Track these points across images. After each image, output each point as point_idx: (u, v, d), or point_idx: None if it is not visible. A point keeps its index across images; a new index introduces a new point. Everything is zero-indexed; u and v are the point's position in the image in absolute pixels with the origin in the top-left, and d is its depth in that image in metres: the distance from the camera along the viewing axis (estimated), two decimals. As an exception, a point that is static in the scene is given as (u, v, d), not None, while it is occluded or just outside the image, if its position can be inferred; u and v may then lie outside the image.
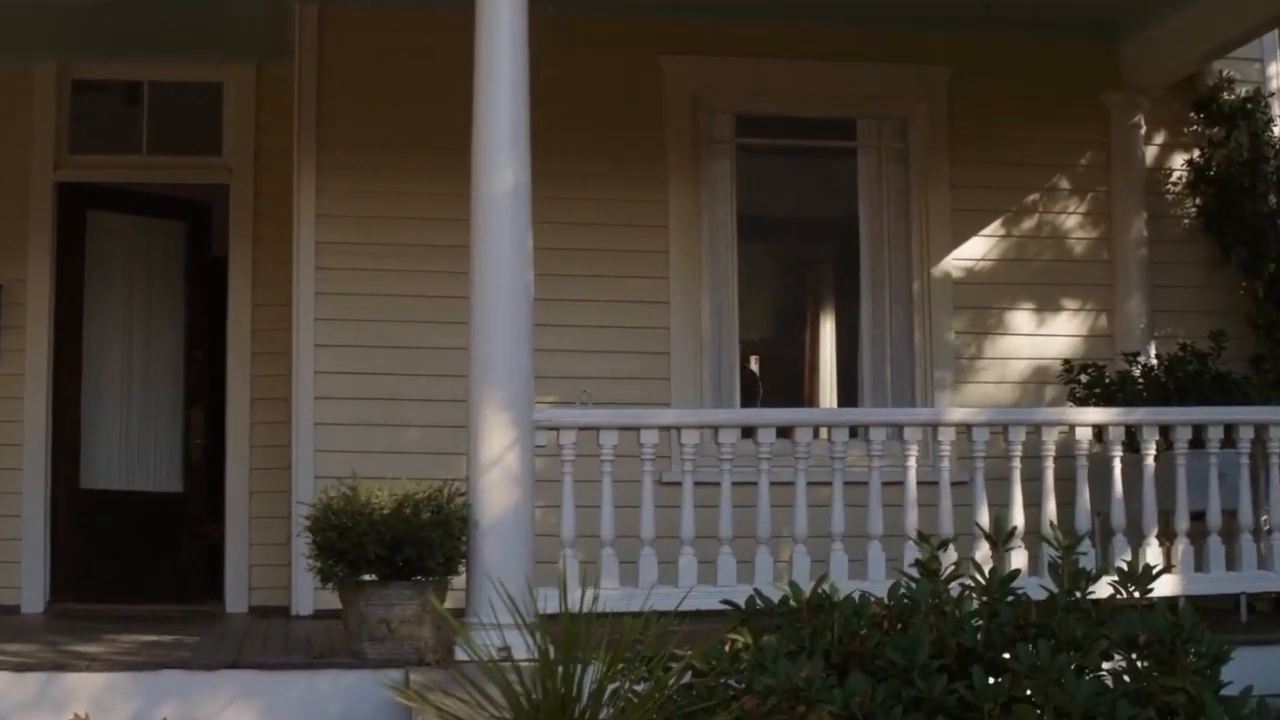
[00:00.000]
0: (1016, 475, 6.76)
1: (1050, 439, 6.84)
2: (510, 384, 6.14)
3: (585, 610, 4.67)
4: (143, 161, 9.28)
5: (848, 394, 8.89)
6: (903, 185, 8.79)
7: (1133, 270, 8.69)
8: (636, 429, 6.53)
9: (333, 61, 8.30)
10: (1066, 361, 8.29)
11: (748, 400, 8.91)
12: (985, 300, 8.77)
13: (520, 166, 6.19)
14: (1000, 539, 5.48)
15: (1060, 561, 5.16)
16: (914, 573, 5.34)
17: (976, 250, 8.79)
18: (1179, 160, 9.03)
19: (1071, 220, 8.88)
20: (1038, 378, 8.72)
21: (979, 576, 5.21)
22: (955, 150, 8.75)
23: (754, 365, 9.96)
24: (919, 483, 6.71)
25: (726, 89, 8.70)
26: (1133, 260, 8.71)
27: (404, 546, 5.96)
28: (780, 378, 9.10)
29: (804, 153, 9.16)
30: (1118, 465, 6.85)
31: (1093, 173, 8.88)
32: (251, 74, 9.14)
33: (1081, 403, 8.11)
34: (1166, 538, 7.01)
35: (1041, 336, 8.78)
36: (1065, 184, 8.89)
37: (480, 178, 6.21)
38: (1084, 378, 8.12)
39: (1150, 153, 8.97)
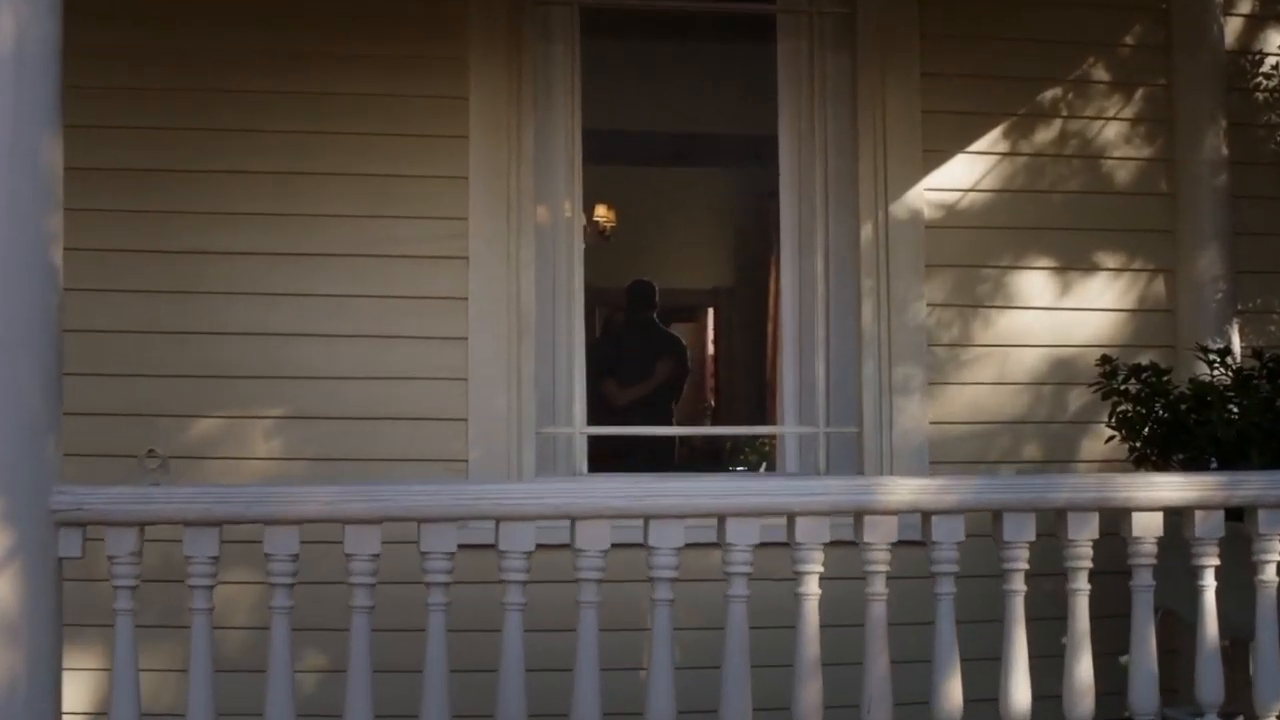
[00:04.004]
0: (1018, 607, 3.73)
1: (1083, 535, 3.72)
2: (-2, 442, 3.43)
3: None
4: None
5: (757, 406, 6.84)
6: (846, 76, 6.30)
7: (1204, 208, 6.44)
8: (263, 522, 3.50)
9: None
10: (1104, 359, 5.58)
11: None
12: (975, 254, 6.36)
13: (34, 7, 3.47)
14: None
15: None
16: None
17: (961, 176, 6.32)
18: (1276, 39, 6.75)
19: (1111, 131, 6.52)
20: (1059, 375, 6.22)
21: None
22: (928, 22, 6.37)
23: (709, 328, 8.69)
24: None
25: (566, -82, 6.17)
26: (1205, 193, 6.46)
27: None
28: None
29: (691, 26, 6.89)
30: (1210, 588, 3.75)
31: (1144, 57, 6.64)
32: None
33: (1130, 430, 5.33)
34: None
35: (1064, 312, 6.30)
36: (1101, 74, 6.56)
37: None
38: (1132, 386, 5.39)
39: (1232, 27, 6.71)
